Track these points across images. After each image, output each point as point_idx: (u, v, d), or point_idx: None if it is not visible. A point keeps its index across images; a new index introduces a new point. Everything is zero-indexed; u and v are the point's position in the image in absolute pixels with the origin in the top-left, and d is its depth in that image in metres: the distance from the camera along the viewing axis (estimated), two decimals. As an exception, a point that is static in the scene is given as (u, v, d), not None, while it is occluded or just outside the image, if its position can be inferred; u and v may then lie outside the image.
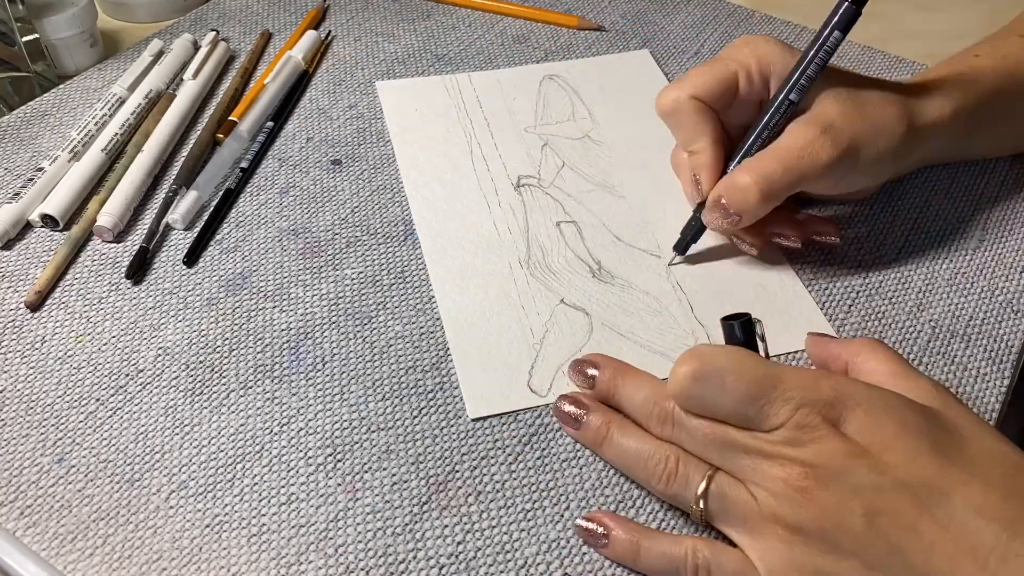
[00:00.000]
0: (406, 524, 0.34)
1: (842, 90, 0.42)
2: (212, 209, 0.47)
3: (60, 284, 0.43)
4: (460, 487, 0.36)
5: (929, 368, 0.41)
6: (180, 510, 0.34)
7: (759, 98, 0.44)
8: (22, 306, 0.42)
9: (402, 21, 0.63)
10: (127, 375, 0.39)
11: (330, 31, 0.62)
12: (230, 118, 0.53)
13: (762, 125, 0.42)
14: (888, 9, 0.64)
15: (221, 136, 0.51)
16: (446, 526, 0.34)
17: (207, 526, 0.34)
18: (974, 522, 0.28)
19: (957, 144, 0.48)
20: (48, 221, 0.46)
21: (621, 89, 0.56)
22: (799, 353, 0.41)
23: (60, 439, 0.37)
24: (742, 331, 0.35)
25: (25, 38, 0.54)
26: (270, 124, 0.53)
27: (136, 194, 0.47)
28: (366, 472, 0.36)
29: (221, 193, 0.48)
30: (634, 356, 0.40)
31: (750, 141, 0.43)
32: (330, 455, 0.36)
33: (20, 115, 0.53)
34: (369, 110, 0.54)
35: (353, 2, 0.65)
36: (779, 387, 0.31)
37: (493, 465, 0.36)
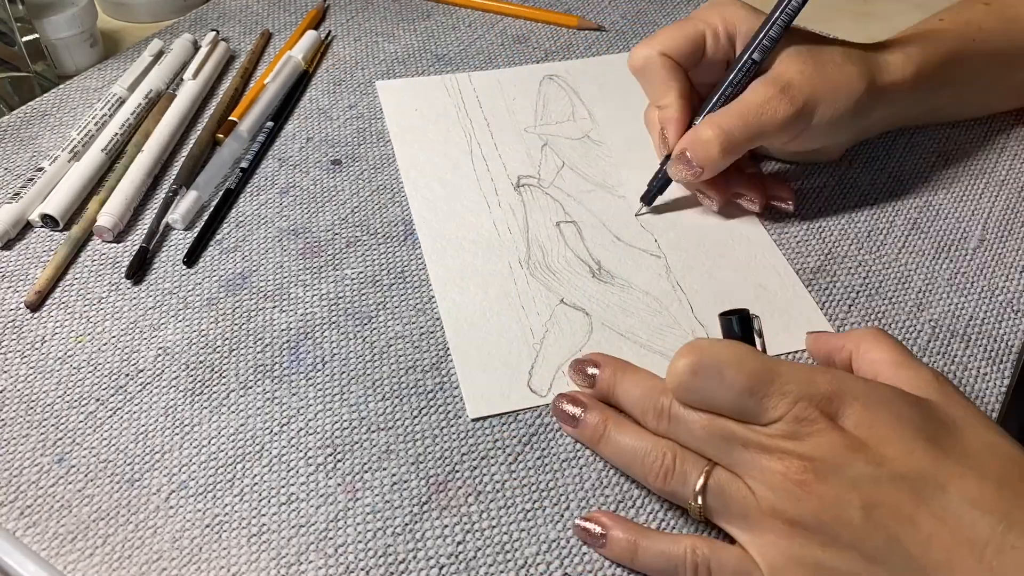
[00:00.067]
0: (406, 524, 0.34)
1: (803, 49, 0.44)
2: (212, 209, 0.47)
3: (60, 284, 0.43)
4: (460, 487, 0.36)
5: (929, 368, 0.41)
6: (180, 510, 0.34)
7: (725, 57, 0.46)
8: (22, 306, 0.42)
9: (402, 21, 0.63)
10: (127, 375, 0.39)
11: (330, 31, 0.62)
12: (230, 118, 0.53)
13: (727, 83, 0.45)
14: (888, 9, 0.64)
15: (221, 136, 0.51)
16: (446, 526, 0.34)
17: (207, 526, 0.34)
18: (970, 514, 0.29)
19: (919, 105, 0.49)
20: (48, 221, 0.46)
21: (621, 89, 0.56)
22: (799, 353, 0.41)
23: (60, 439, 0.37)
24: (740, 326, 0.35)
25: (25, 38, 0.54)
26: (270, 124, 0.53)
27: (136, 194, 0.47)
28: (366, 472, 0.36)
29: (221, 193, 0.48)
30: (634, 356, 0.40)
31: (715, 98, 0.45)
32: (330, 455, 0.36)
33: (20, 115, 0.53)
34: (369, 110, 0.55)
35: (353, 2, 0.65)
36: (777, 381, 0.31)
37: (493, 465, 0.36)
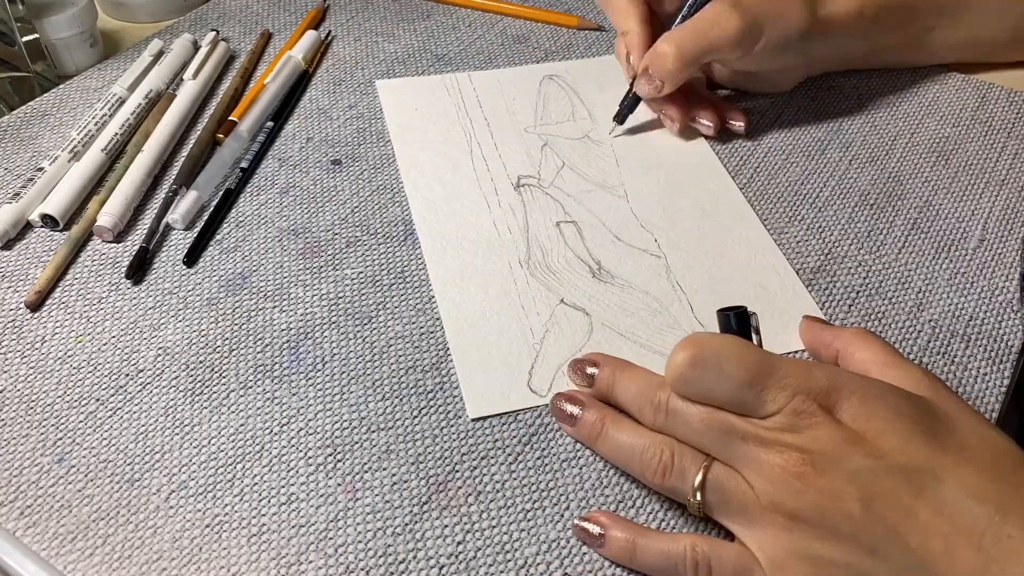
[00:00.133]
0: (406, 524, 0.34)
1: None
2: (212, 209, 0.47)
3: (60, 284, 0.43)
4: (460, 487, 0.36)
5: (929, 368, 0.41)
6: (180, 510, 0.34)
7: None
8: (22, 306, 0.42)
9: (402, 21, 0.63)
10: (127, 375, 0.39)
11: (330, 31, 0.62)
12: (230, 118, 0.53)
13: (686, 7, 0.50)
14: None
15: (221, 136, 0.52)
16: (446, 526, 0.34)
17: (207, 526, 0.34)
18: (967, 505, 0.29)
19: (863, 44, 0.54)
20: (48, 221, 0.46)
21: (621, 89, 0.56)
22: (799, 353, 0.41)
23: (60, 439, 0.37)
24: (737, 322, 0.35)
25: (25, 38, 0.54)
26: (270, 124, 0.53)
27: (136, 194, 0.47)
28: (366, 472, 0.36)
29: (221, 193, 0.48)
30: (634, 356, 0.40)
31: (676, 20, 0.50)
32: (330, 455, 0.36)
33: (20, 115, 0.53)
34: (369, 110, 0.54)
35: (353, 2, 0.65)
36: (775, 374, 0.31)
37: (493, 465, 0.36)
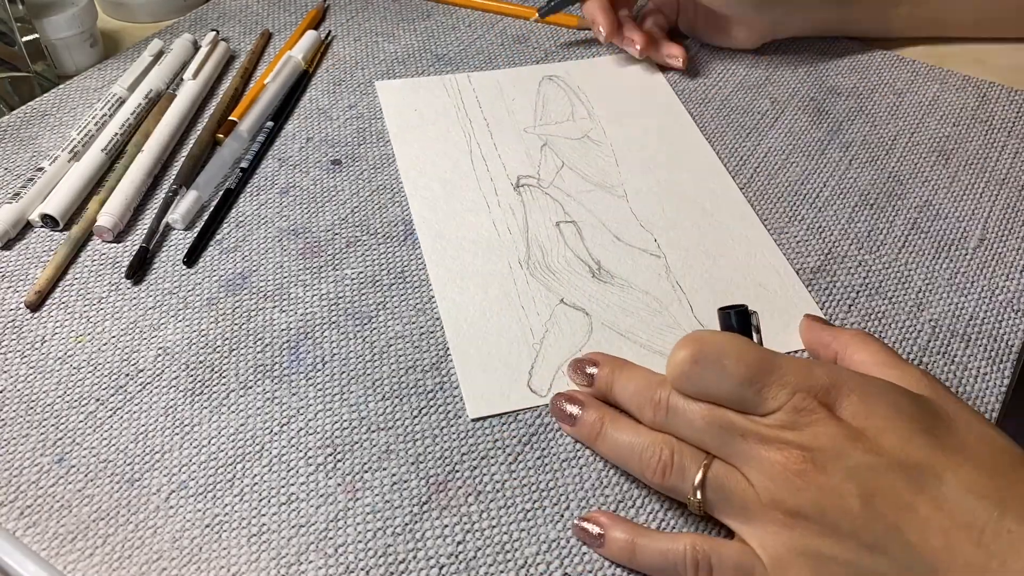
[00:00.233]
0: (406, 524, 0.34)
1: None
2: (212, 209, 0.47)
3: (60, 284, 0.43)
4: (460, 487, 0.36)
5: (929, 368, 0.41)
6: (180, 510, 0.34)
7: None
8: (22, 306, 0.42)
9: (402, 21, 0.63)
10: (127, 375, 0.39)
11: (330, 31, 0.62)
12: (230, 118, 0.53)
13: None
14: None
15: (221, 136, 0.52)
16: (446, 526, 0.34)
17: (207, 526, 0.34)
18: (966, 500, 0.29)
19: (827, 12, 0.57)
20: (48, 221, 0.46)
21: (621, 89, 0.56)
22: (799, 353, 0.41)
23: (60, 439, 0.37)
24: (738, 320, 0.35)
25: (25, 38, 0.54)
26: (270, 124, 0.53)
27: (136, 194, 0.47)
28: (366, 472, 0.36)
29: (221, 193, 0.48)
30: (634, 356, 0.40)
31: None
32: (330, 455, 0.36)
33: (20, 115, 0.53)
34: (369, 110, 0.55)
35: (353, 2, 0.65)
36: (776, 371, 0.31)
37: (493, 465, 0.36)
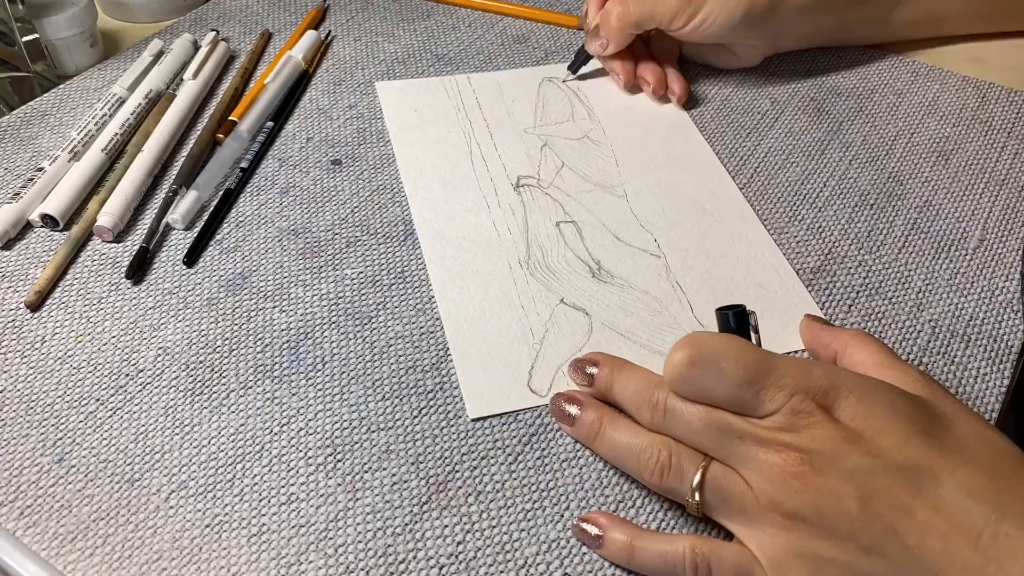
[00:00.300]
0: (406, 524, 0.34)
1: None
2: (212, 209, 0.47)
3: (60, 284, 0.43)
4: (460, 487, 0.36)
5: (929, 368, 0.41)
6: (180, 510, 0.34)
7: None
8: (22, 306, 0.42)
9: (402, 21, 0.63)
10: (127, 375, 0.39)
11: (330, 31, 0.62)
12: (230, 118, 0.53)
13: None
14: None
15: (221, 136, 0.51)
16: (446, 526, 0.34)
17: (207, 526, 0.34)
18: (965, 503, 0.29)
19: (825, 21, 0.56)
20: (48, 221, 0.46)
21: (620, 89, 0.56)
22: (799, 352, 0.41)
23: (60, 439, 0.37)
24: (736, 321, 0.35)
25: (25, 38, 0.54)
26: (270, 124, 0.53)
27: (136, 194, 0.47)
28: (366, 472, 0.36)
29: (221, 193, 0.48)
30: (634, 356, 0.40)
31: None
32: (330, 455, 0.36)
33: (20, 115, 0.53)
34: (369, 110, 0.55)
35: (353, 2, 0.65)
36: (774, 373, 0.31)
37: (493, 465, 0.36)
